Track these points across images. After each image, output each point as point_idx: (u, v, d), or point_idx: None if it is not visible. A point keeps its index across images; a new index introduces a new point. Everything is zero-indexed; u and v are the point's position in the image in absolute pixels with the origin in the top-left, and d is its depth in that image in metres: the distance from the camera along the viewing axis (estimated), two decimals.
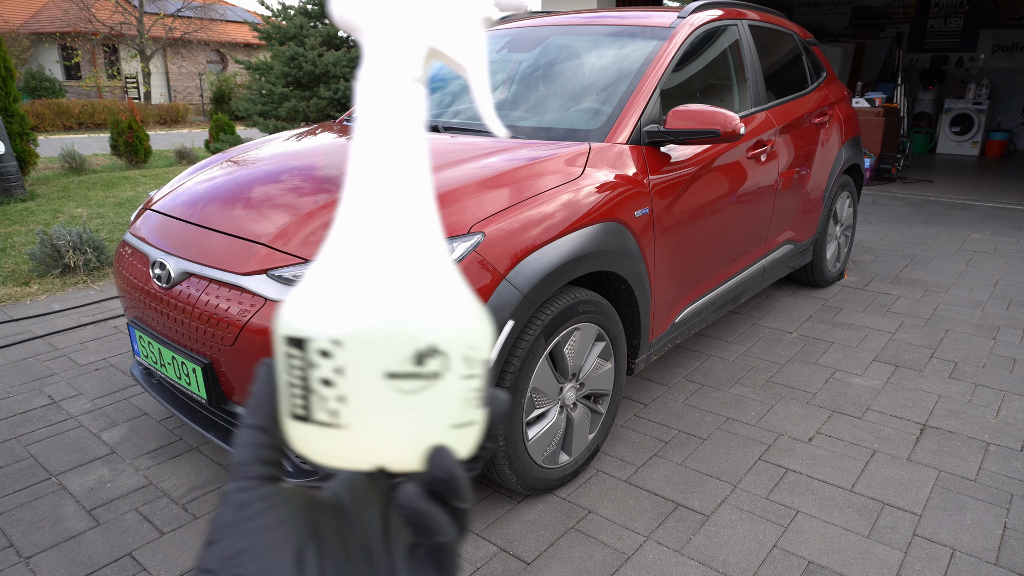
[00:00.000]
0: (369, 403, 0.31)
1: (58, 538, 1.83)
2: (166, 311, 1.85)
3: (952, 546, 1.78)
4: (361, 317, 0.30)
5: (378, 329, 0.30)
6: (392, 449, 0.32)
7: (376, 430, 0.31)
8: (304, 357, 0.31)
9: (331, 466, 0.33)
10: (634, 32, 2.63)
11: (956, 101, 9.54)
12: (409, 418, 0.31)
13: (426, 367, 0.31)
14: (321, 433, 0.32)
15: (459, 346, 0.32)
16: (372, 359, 0.30)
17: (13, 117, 6.49)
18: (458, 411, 0.33)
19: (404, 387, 0.31)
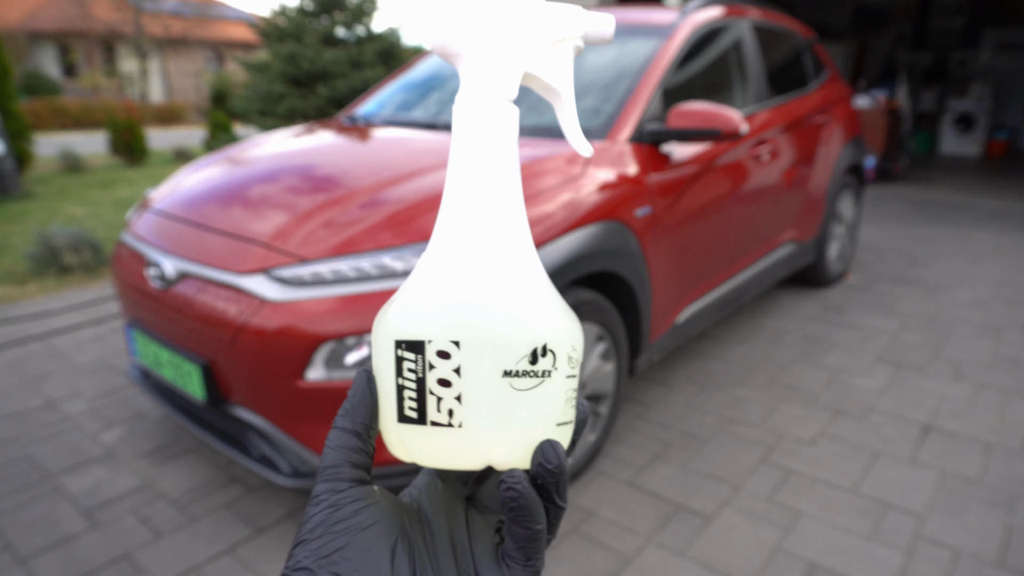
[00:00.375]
0: (485, 401, 0.33)
1: (55, 539, 1.82)
2: (164, 311, 1.83)
3: (955, 547, 1.77)
4: (479, 318, 0.33)
5: (497, 329, 0.32)
6: (504, 446, 0.33)
7: (490, 428, 0.33)
8: (421, 359, 0.33)
9: (440, 467, 0.34)
10: (635, 30, 2.61)
11: (959, 100, 9.52)
12: (522, 415, 0.33)
13: (538, 366, 0.33)
14: (435, 434, 0.33)
15: (565, 346, 0.34)
16: (490, 358, 0.32)
17: (10, 116, 6.47)
18: (563, 409, 0.35)
19: (519, 385, 0.33)
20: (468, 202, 0.35)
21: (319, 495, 0.32)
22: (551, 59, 0.37)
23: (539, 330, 0.33)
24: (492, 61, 0.36)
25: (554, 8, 0.37)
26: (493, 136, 0.35)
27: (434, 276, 0.34)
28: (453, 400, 0.32)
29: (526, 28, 0.36)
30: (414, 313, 0.33)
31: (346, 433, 0.34)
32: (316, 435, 1.65)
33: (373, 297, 1.58)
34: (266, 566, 1.72)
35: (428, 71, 3.00)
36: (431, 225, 1.69)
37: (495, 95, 0.35)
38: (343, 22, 8.69)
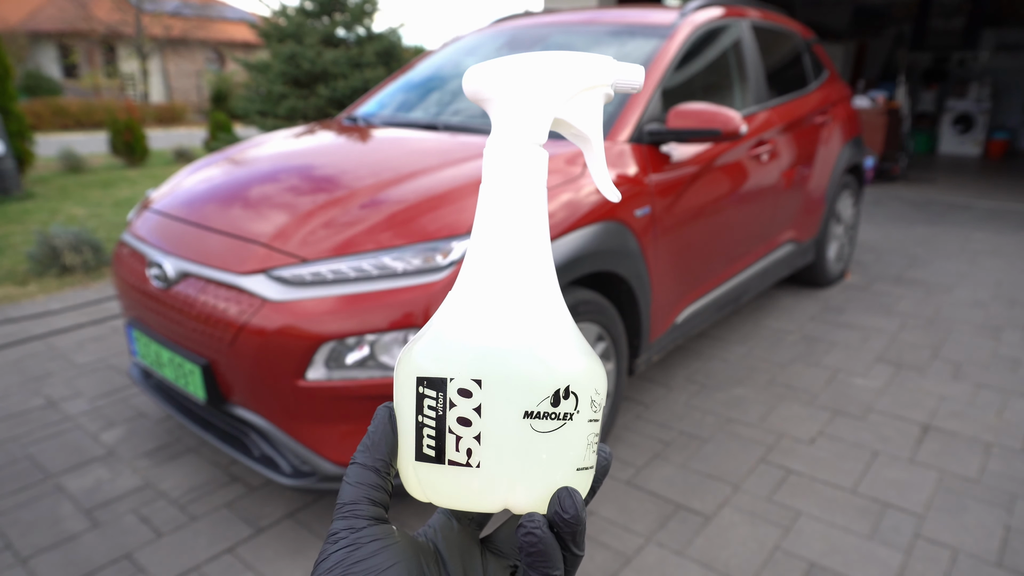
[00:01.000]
0: (505, 442, 0.32)
1: (56, 539, 1.82)
2: (164, 311, 1.84)
3: (954, 547, 1.77)
4: (502, 358, 0.32)
5: (519, 369, 0.32)
6: (523, 489, 0.33)
7: (509, 470, 0.33)
8: (442, 397, 0.33)
9: (456, 508, 0.34)
10: (635, 31, 2.61)
11: (958, 100, 9.52)
12: (541, 458, 0.33)
13: (560, 408, 0.33)
14: (452, 474, 0.33)
15: (588, 388, 0.34)
16: (511, 398, 0.32)
17: (11, 117, 6.47)
18: (583, 454, 0.34)
19: (540, 427, 0.32)
20: (496, 243, 0.35)
21: (337, 532, 0.32)
22: (581, 106, 0.38)
23: (562, 371, 0.33)
24: (522, 106, 0.36)
25: (585, 58, 0.38)
26: (522, 179, 0.36)
27: (459, 315, 0.34)
28: (472, 439, 0.32)
29: (557, 76, 0.37)
30: (437, 350, 0.34)
31: (366, 470, 0.34)
32: (317, 435, 1.65)
33: (373, 297, 1.59)
34: (266, 566, 1.73)
35: (428, 72, 3.01)
36: (431, 225, 1.70)
37: (525, 139, 0.36)
38: (343, 23, 8.69)
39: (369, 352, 1.59)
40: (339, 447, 1.65)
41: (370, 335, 1.58)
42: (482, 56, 2.95)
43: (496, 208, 0.36)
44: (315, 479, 1.66)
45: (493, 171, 0.36)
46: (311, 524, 1.88)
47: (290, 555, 1.76)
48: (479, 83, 0.37)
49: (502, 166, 0.36)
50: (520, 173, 0.36)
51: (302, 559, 1.75)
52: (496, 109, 0.37)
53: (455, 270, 1.63)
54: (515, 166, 0.36)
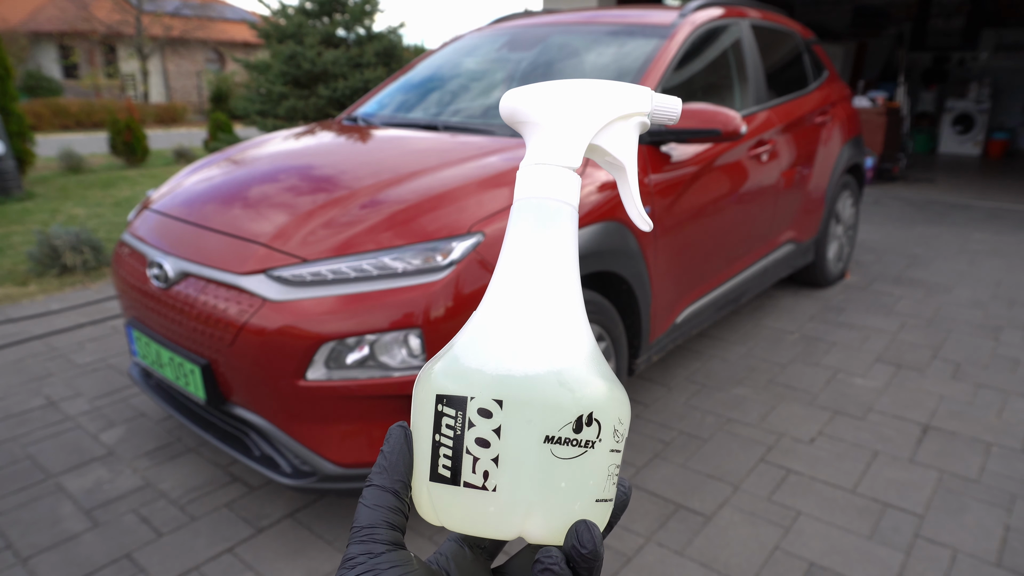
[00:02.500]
0: (524, 466, 0.31)
1: (56, 539, 1.82)
2: (164, 311, 1.84)
3: (954, 547, 1.77)
4: (526, 379, 0.32)
5: (543, 391, 0.31)
6: (539, 518, 0.32)
7: (526, 496, 0.31)
8: (461, 416, 0.32)
9: (469, 533, 0.33)
10: (634, 31, 2.61)
11: (958, 100, 9.52)
12: (560, 486, 0.32)
13: (582, 434, 0.32)
14: (467, 496, 0.32)
15: (611, 417, 0.33)
16: (533, 421, 0.31)
17: (11, 117, 6.47)
18: (603, 485, 0.33)
19: (560, 453, 0.31)
20: (525, 267, 0.35)
21: (354, 557, 0.31)
22: (617, 134, 0.38)
23: (586, 397, 0.32)
24: (559, 130, 0.37)
25: (623, 88, 0.38)
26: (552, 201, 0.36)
27: (484, 335, 0.34)
28: (490, 461, 0.31)
29: (595, 103, 0.37)
30: (458, 369, 0.33)
31: (384, 492, 0.32)
32: (317, 435, 1.65)
33: (373, 297, 1.59)
34: (266, 566, 1.73)
35: (428, 72, 3.01)
36: (431, 225, 1.70)
37: (559, 162, 0.36)
38: (343, 23, 8.69)
39: (369, 352, 1.59)
40: (339, 447, 1.65)
41: (370, 335, 1.58)
42: (482, 56, 2.95)
43: (526, 230, 0.36)
44: (315, 479, 1.67)
45: (526, 192, 0.36)
46: (311, 524, 1.88)
47: (290, 555, 1.76)
48: (517, 105, 0.37)
49: (535, 188, 0.36)
50: (553, 196, 0.36)
51: (302, 559, 1.75)
52: (532, 132, 0.37)
53: (455, 270, 1.63)
54: (548, 189, 0.36)
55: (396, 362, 1.60)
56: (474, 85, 2.80)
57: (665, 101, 0.39)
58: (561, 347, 0.33)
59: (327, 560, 1.74)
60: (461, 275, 1.63)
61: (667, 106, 0.39)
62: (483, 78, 2.82)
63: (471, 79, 2.84)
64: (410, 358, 1.61)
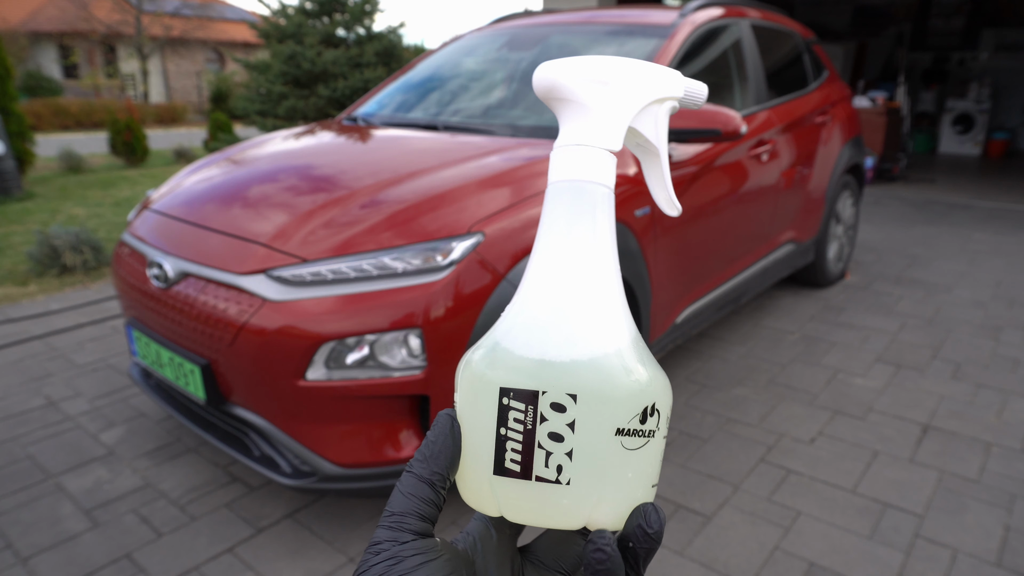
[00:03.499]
0: (596, 459, 0.31)
1: (56, 539, 1.82)
2: (164, 311, 1.84)
3: (954, 547, 1.77)
4: (597, 373, 0.31)
5: (614, 384, 0.31)
6: (607, 507, 0.32)
7: (597, 487, 0.32)
8: (532, 410, 0.31)
9: (535, 524, 0.33)
10: (634, 31, 2.61)
11: (958, 100, 9.52)
12: (627, 476, 0.32)
13: (647, 425, 0.32)
14: (538, 490, 0.32)
15: (668, 407, 0.34)
16: (606, 414, 0.31)
17: (11, 117, 6.47)
18: (658, 471, 0.34)
19: (629, 444, 0.32)
20: (566, 251, 0.34)
21: (380, 542, 0.31)
22: (651, 116, 0.37)
23: (650, 388, 0.32)
24: (601, 110, 0.35)
25: (658, 70, 0.37)
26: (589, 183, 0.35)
27: (533, 323, 0.33)
28: (564, 456, 0.31)
29: (636, 83, 0.36)
30: (519, 360, 0.32)
31: (421, 482, 0.32)
32: (317, 435, 1.65)
33: (373, 297, 1.59)
34: (266, 566, 1.73)
35: (428, 72, 3.01)
36: (431, 225, 1.70)
37: (599, 144, 0.35)
38: (343, 23, 8.69)
39: (369, 352, 1.59)
40: (339, 447, 1.65)
41: (370, 335, 1.58)
42: (482, 56, 2.95)
43: (564, 214, 0.35)
44: (315, 479, 1.66)
45: (564, 174, 0.35)
46: (311, 524, 1.88)
47: (290, 555, 1.76)
48: (554, 80, 0.36)
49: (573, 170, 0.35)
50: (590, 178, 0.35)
51: (302, 559, 1.75)
52: (569, 110, 0.36)
53: (455, 270, 1.63)
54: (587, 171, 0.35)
55: (396, 362, 1.60)
56: (474, 85, 2.80)
57: (694, 86, 0.38)
58: (620, 339, 0.33)
59: (327, 560, 1.74)
60: (461, 275, 1.63)
61: (696, 91, 0.38)
62: (483, 78, 2.82)
63: (471, 79, 2.84)
64: (410, 358, 1.60)
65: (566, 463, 0.31)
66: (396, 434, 1.67)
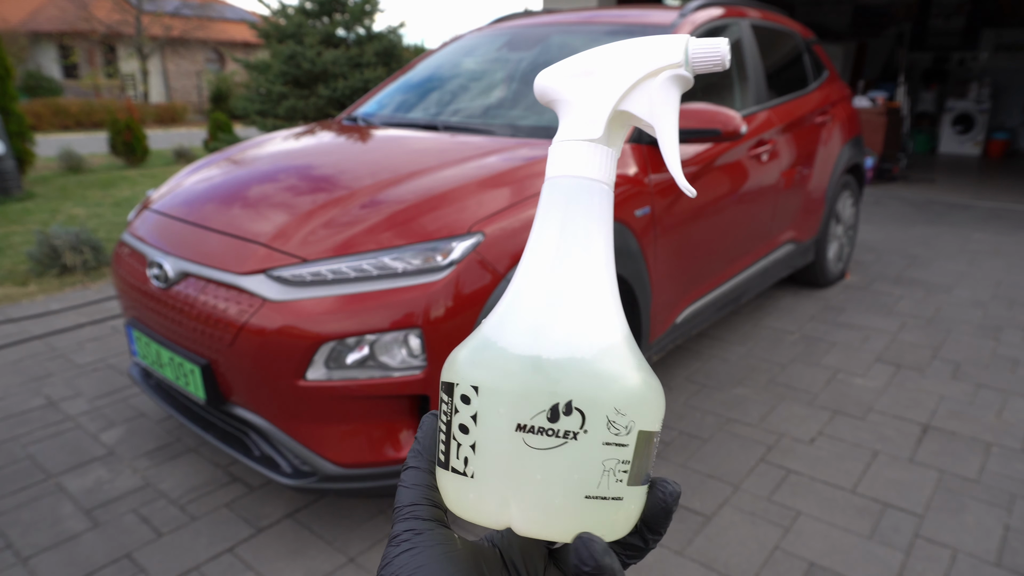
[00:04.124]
0: (496, 455, 0.30)
1: (56, 539, 1.82)
2: (164, 311, 1.84)
3: (954, 547, 1.77)
4: (500, 364, 0.31)
5: (514, 377, 0.30)
6: (516, 508, 0.31)
7: (501, 485, 0.31)
8: (450, 402, 0.32)
9: (463, 518, 0.32)
10: (634, 31, 2.61)
11: (958, 100, 9.52)
12: (536, 477, 0.30)
13: (559, 424, 0.30)
14: (455, 481, 0.32)
15: (604, 407, 0.30)
16: (503, 408, 0.30)
17: (11, 117, 6.47)
18: (596, 480, 0.31)
19: (533, 443, 0.30)
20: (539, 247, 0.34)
21: (398, 535, 0.31)
22: (643, 94, 0.35)
23: (564, 384, 0.30)
24: (581, 102, 0.35)
25: (651, 42, 0.35)
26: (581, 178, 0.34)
27: (491, 319, 0.33)
28: (469, 448, 0.31)
29: (610, 66, 0.35)
30: (456, 355, 0.33)
31: (420, 472, 0.33)
32: (317, 435, 1.65)
33: (373, 297, 1.59)
34: (266, 566, 1.73)
35: (428, 72, 3.01)
36: (431, 225, 1.70)
37: (580, 135, 0.34)
38: (343, 23, 8.69)
39: (369, 352, 1.59)
40: (339, 447, 1.65)
41: (370, 335, 1.58)
42: (481, 56, 2.95)
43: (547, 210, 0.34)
44: (315, 479, 1.67)
45: (550, 171, 0.35)
46: (311, 524, 1.88)
47: (290, 555, 1.76)
48: (545, 84, 0.36)
49: (558, 166, 0.34)
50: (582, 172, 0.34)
51: (302, 559, 1.75)
52: (560, 108, 0.36)
53: (455, 270, 1.63)
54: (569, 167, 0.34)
55: (396, 362, 1.60)
56: (474, 85, 2.80)
57: (705, 46, 0.35)
58: (556, 331, 0.31)
59: (327, 560, 1.74)
60: (461, 275, 1.63)
61: (708, 50, 0.35)
62: (483, 78, 2.82)
63: (471, 79, 2.84)
64: (410, 358, 1.61)
65: (470, 455, 0.31)
66: (396, 434, 1.67)
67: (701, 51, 0.35)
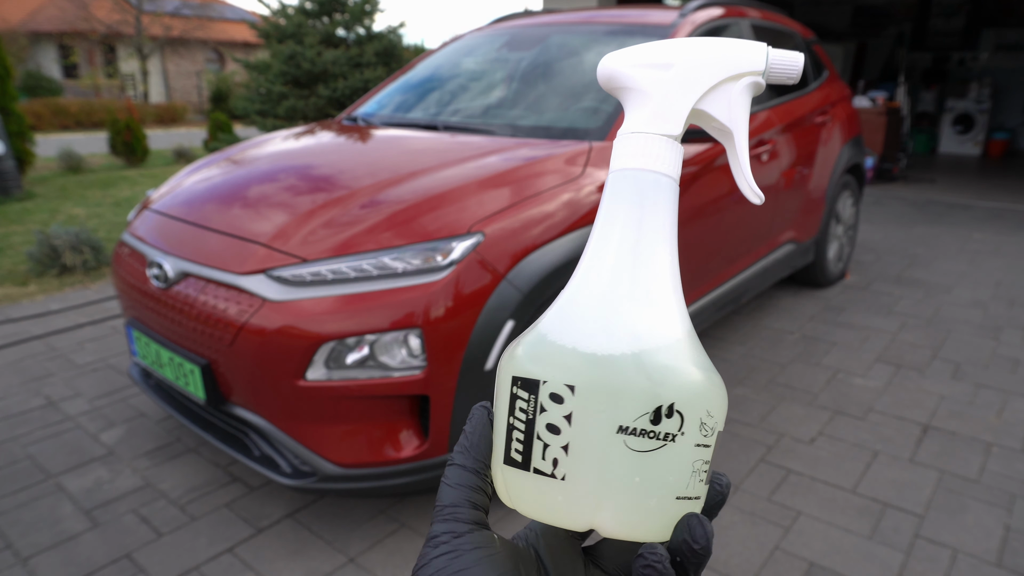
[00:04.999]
0: (594, 457, 0.30)
1: (56, 539, 1.82)
2: (164, 311, 1.84)
3: (954, 547, 1.77)
4: (601, 364, 0.30)
5: (617, 378, 0.29)
6: (611, 511, 0.30)
7: (596, 487, 0.30)
8: (533, 400, 0.30)
9: (538, 519, 0.31)
10: (634, 31, 2.61)
11: (958, 100, 9.52)
12: (634, 480, 0.30)
13: (661, 427, 0.30)
14: (536, 483, 0.31)
15: (698, 409, 0.30)
16: (605, 410, 0.29)
17: (11, 116, 6.47)
18: (685, 481, 0.31)
19: (635, 445, 0.29)
20: (611, 241, 0.33)
21: (438, 536, 0.31)
22: (723, 97, 0.35)
23: (669, 386, 0.30)
24: (658, 95, 0.34)
25: (733, 45, 0.35)
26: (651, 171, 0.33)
27: (566, 315, 0.32)
28: (559, 449, 0.30)
29: (695, 64, 0.34)
30: (536, 350, 0.31)
31: (465, 471, 0.32)
32: (317, 435, 1.65)
33: (373, 297, 1.59)
34: (266, 566, 1.73)
35: (428, 72, 3.01)
36: (431, 225, 1.70)
37: (657, 129, 0.34)
38: (343, 23, 8.69)
39: (369, 352, 1.59)
40: (339, 447, 1.65)
41: (370, 335, 1.58)
42: (481, 56, 2.95)
43: (615, 203, 0.33)
44: (315, 479, 1.66)
45: (619, 163, 0.34)
46: (311, 524, 1.88)
47: (290, 555, 1.76)
48: (614, 69, 0.35)
49: (628, 158, 0.34)
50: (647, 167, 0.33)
51: (302, 559, 1.75)
52: (630, 98, 0.35)
53: (455, 270, 1.63)
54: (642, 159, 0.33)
55: (396, 362, 1.60)
56: (474, 85, 2.80)
57: (783, 57, 0.35)
58: (646, 329, 0.31)
59: (327, 560, 1.74)
60: (461, 275, 1.63)
61: (786, 62, 0.35)
62: (483, 78, 2.82)
63: (471, 79, 2.84)
64: (410, 358, 1.60)
65: (562, 457, 0.30)
66: (396, 434, 1.67)
67: (780, 62, 0.35)
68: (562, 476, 0.30)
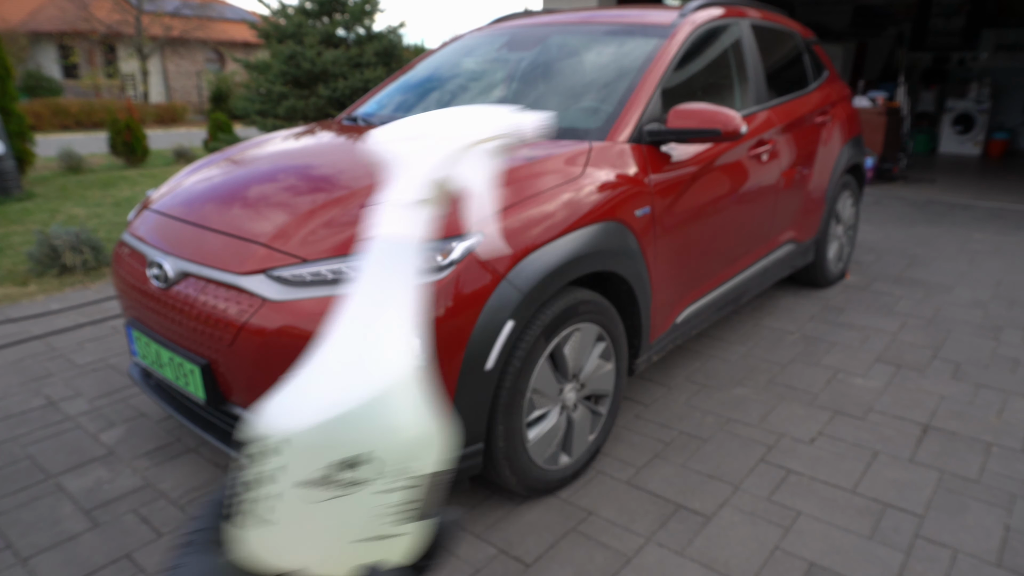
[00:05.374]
0: (282, 506, 0.33)
1: (56, 539, 1.82)
2: (164, 311, 1.84)
3: (954, 547, 1.77)
4: (285, 422, 0.34)
5: (299, 435, 0.33)
6: (309, 553, 0.34)
7: (295, 532, 0.33)
8: (257, 455, 0.34)
9: (267, 565, 0.35)
10: (634, 31, 2.61)
11: (958, 100, 9.52)
12: (321, 525, 0.33)
13: (343, 476, 0.33)
14: (252, 531, 0.35)
15: (389, 457, 0.33)
16: (287, 464, 0.33)
17: (11, 116, 6.47)
18: (373, 524, 0.34)
19: (317, 495, 0.33)
20: (350, 310, 0.37)
21: None
22: (465, 164, 0.39)
23: (350, 441, 0.33)
24: (403, 165, 0.39)
25: (480, 113, 0.39)
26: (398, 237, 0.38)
27: (291, 383, 0.36)
28: (260, 500, 0.34)
29: (440, 135, 0.39)
30: (273, 409, 0.35)
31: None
32: None
33: None
34: None
35: (427, 72, 3.01)
36: None
37: (403, 197, 0.38)
38: (343, 23, 8.69)
39: None
40: None
41: None
42: (481, 56, 2.95)
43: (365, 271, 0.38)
44: None
45: (371, 232, 0.39)
46: None
47: None
48: (372, 143, 0.40)
49: (378, 228, 0.38)
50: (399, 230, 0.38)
51: None
52: (389, 170, 0.40)
53: (455, 270, 1.63)
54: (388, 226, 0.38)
55: None
56: (473, 85, 2.80)
57: (522, 121, 0.40)
58: (343, 390, 0.34)
59: None
60: (461, 275, 1.63)
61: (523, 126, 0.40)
62: (483, 78, 2.82)
63: (471, 79, 2.84)
64: None
65: (261, 507, 0.34)
66: None
67: (519, 125, 0.40)
68: (263, 525, 0.34)
